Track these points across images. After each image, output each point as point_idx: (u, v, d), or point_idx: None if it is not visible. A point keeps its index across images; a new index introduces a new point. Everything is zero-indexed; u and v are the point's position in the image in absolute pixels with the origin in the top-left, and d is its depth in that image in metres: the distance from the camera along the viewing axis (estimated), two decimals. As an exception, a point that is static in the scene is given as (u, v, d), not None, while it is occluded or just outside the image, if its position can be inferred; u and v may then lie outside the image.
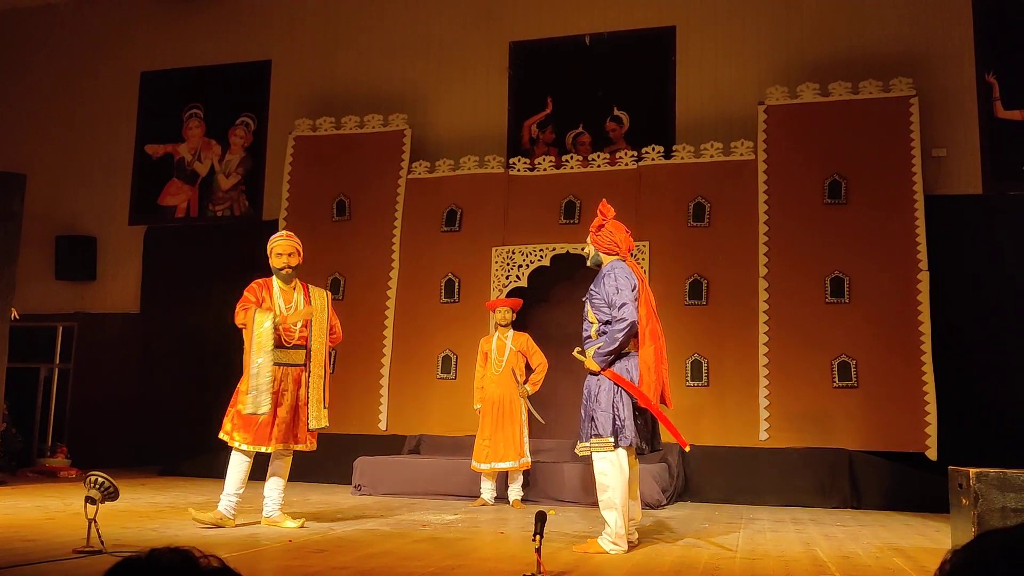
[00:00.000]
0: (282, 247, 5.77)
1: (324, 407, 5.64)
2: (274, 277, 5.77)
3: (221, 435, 5.54)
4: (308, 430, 5.62)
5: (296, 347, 5.63)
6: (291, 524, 5.50)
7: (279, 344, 5.53)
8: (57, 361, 11.24)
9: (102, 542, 4.27)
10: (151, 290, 10.82)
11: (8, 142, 11.68)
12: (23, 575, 3.66)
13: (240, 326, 5.58)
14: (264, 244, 10.07)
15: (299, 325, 5.63)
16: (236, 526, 5.46)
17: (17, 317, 8.43)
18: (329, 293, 5.94)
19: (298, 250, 5.81)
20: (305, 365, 5.64)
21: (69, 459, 9.68)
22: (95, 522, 4.33)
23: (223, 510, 5.44)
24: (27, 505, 6.42)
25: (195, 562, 1.19)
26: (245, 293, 5.68)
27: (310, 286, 5.89)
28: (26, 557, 4.07)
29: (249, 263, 10.23)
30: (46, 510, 6.10)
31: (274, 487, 5.63)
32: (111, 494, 4.56)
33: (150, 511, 6.17)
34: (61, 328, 11.18)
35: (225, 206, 10.93)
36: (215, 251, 10.59)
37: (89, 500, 4.41)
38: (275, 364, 5.48)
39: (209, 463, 9.49)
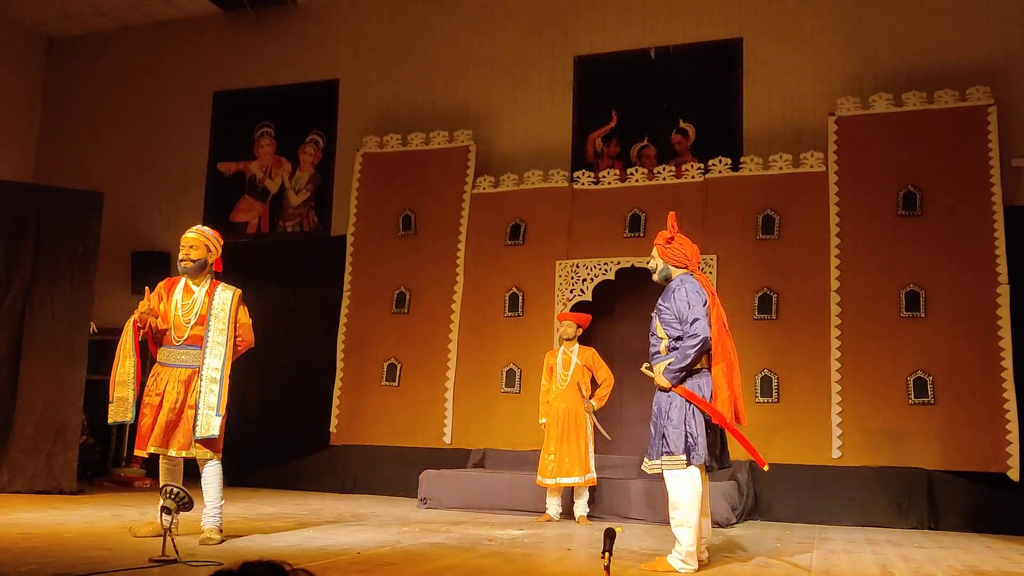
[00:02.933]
0: (184, 240, 5.38)
1: (217, 415, 5.10)
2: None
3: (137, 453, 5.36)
4: (195, 438, 5.11)
5: (186, 347, 5.25)
6: (204, 536, 5.10)
7: (167, 343, 5.26)
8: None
9: (177, 552, 4.35)
10: (222, 304, 11.02)
11: (87, 161, 12.08)
12: (101, 583, 3.75)
13: None
14: (333, 258, 10.28)
15: (191, 323, 5.24)
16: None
17: (96, 331, 8.69)
18: (238, 291, 5.43)
19: (208, 245, 5.39)
20: (198, 368, 5.19)
21: (143, 469, 9.92)
22: (170, 532, 4.41)
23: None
24: (104, 514, 6.59)
25: (285, 575, 1.20)
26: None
27: (221, 284, 5.43)
28: (104, 565, 4.16)
29: (318, 277, 10.41)
30: (122, 519, 6.25)
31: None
32: (185, 504, 4.66)
33: (222, 522, 6.26)
34: (137, 341, 11.46)
35: (295, 222, 11.13)
36: (285, 266, 10.79)
37: (164, 510, 4.50)
38: (160, 364, 5.24)
39: (279, 474, 9.65)
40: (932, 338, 7.90)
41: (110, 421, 5.23)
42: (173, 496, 4.58)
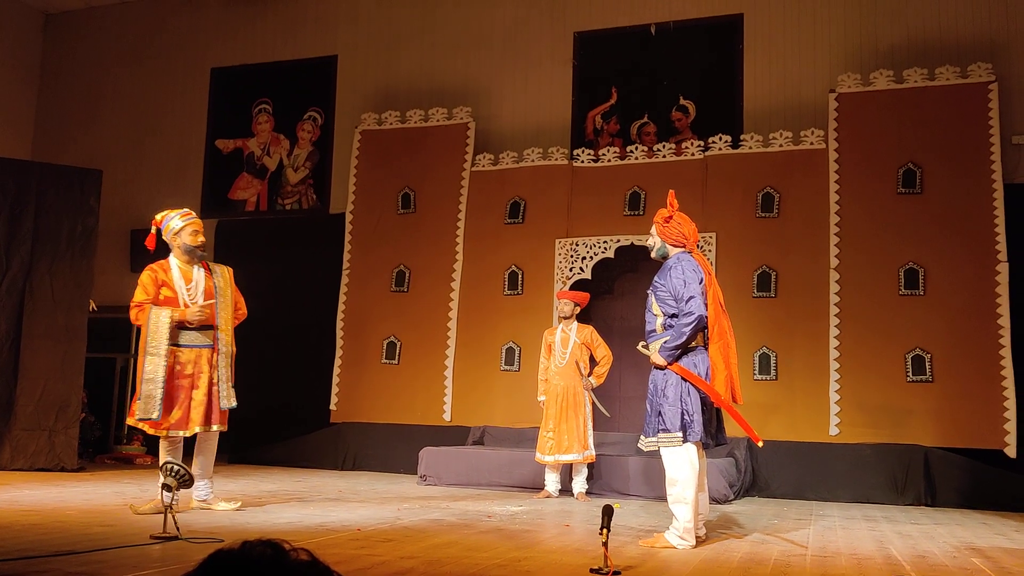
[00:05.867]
0: (197, 224, 5.60)
1: (231, 386, 5.55)
2: (172, 257, 5.59)
3: (129, 421, 5.45)
4: (220, 410, 5.49)
5: (200, 327, 5.49)
6: (225, 506, 5.45)
7: (186, 326, 5.43)
8: (132, 351, 11.55)
9: (178, 528, 4.37)
10: (222, 282, 11.03)
11: (84, 138, 12.03)
12: (103, 559, 3.77)
13: (136, 324, 5.46)
14: (332, 236, 10.24)
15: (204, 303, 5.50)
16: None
17: (95, 309, 8.71)
18: (231, 269, 5.75)
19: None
20: (214, 345, 5.51)
21: (144, 447, 9.98)
22: (171, 509, 4.44)
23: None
24: (105, 491, 6.63)
25: (285, 555, 1.20)
26: (140, 284, 5.49)
27: (210, 263, 5.71)
28: (105, 542, 4.19)
29: (317, 256, 10.39)
30: (123, 496, 6.28)
31: (203, 469, 5.58)
32: (186, 482, 4.68)
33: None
34: (137, 319, 11.47)
35: (293, 200, 11.11)
36: (284, 244, 10.78)
37: (165, 488, 4.53)
38: (185, 346, 5.39)
39: (280, 452, 9.69)
40: (931, 316, 7.91)
41: (136, 418, 5.26)
42: (174, 474, 4.60)
